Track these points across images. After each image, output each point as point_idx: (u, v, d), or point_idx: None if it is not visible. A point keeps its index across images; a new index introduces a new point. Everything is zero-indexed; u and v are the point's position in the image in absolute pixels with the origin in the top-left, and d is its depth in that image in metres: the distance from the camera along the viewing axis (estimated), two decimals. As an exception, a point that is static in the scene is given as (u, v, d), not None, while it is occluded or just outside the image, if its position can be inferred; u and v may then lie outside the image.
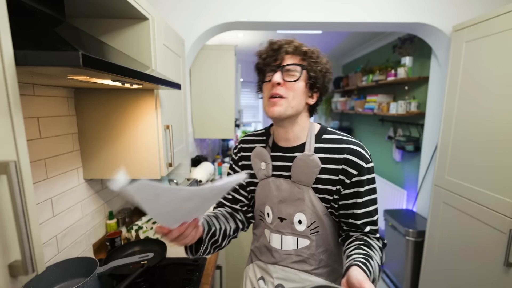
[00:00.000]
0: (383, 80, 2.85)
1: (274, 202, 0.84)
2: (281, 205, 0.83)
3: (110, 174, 1.21)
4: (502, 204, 1.36)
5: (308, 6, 1.86)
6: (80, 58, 0.47)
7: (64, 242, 1.11)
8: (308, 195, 0.80)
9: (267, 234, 0.89)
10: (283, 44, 0.76)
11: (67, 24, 0.81)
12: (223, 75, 2.23)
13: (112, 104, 1.15)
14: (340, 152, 0.78)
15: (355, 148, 0.77)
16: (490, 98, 1.45)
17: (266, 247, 0.89)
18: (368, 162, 0.78)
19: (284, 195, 0.82)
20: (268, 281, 0.89)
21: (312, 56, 0.76)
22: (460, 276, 1.66)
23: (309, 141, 0.81)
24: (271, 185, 0.84)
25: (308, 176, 0.78)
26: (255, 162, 0.87)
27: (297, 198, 0.80)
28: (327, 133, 0.82)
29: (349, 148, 0.77)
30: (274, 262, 0.88)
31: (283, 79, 0.74)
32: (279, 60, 0.75)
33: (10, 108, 0.45)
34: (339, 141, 0.80)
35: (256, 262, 0.95)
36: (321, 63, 0.77)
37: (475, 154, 1.53)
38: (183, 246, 0.74)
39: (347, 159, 0.77)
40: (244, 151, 0.92)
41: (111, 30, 1.12)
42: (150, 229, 1.45)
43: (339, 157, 0.77)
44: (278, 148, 0.85)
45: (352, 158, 0.76)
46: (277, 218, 0.84)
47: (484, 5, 1.81)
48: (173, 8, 1.85)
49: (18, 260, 0.47)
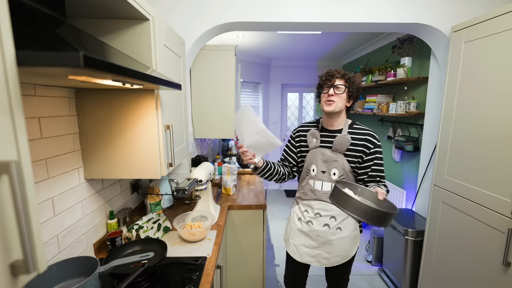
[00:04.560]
0: (383, 81, 2.85)
1: (319, 162, 1.40)
2: (323, 163, 1.39)
3: (110, 174, 1.22)
4: (501, 203, 1.37)
5: (307, 7, 1.87)
6: (81, 58, 0.47)
7: (65, 241, 1.11)
8: (341, 159, 1.37)
9: (311, 182, 1.43)
10: (334, 73, 1.34)
11: (68, 25, 0.81)
12: (223, 76, 2.24)
13: (113, 104, 1.16)
14: (362, 135, 1.37)
15: (371, 133, 1.38)
16: (489, 98, 1.45)
17: (310, 190, 1.43)
18: (379, 142, 1.39)
19: (326, 158, 1.39)
20: (310, 211, 1.43)
21: (351, 79, 1.34)
22: (459, 275, 1.67)
23: (345, 128, 1.40)
24: (318, 152, 1.41)
25: (342, 147, 1.36)
26: (310, 138, 1.45)
27: (334, 160, 1.37)
28: (355, 125, 1.42)
29: (368, 133, 1.38)
30: (315, 198, 1.41)
31: (334, 92, 1.33)
32: (332, 81, 1.33)
33: (11, 108, 0.45)
34: (362, 129, 1.40)
35: (301, 202, 1.48)
36: (355, 83, 1.35)
37: (474, 154, 1.54)
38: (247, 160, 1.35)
39: (366, 139, 1.36)
40: (302, 132, 1.52)
41: (112, 31, 1.12)
42: (150, 229, 1.46)
43: (362, 137, 1.37)
44: (325, 130, 1.44)
45: (370, 138, 1.37)
46: (320, 171, 1.40)
47: (483, 5, 1.82)
48: (173, 9, 1.85)
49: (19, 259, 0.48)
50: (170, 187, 1.87)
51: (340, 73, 1.32)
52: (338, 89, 1.32)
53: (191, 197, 2.01)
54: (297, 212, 1.48)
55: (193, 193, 1.88)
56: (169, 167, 1.29)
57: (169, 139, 1.29)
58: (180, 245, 1.42)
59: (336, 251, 1.39)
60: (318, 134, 1.41)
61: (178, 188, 1.41)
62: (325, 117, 1.42)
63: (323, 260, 1.42)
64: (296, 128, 1.56)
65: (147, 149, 1.19)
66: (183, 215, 1.60)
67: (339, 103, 1.33)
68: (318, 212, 1.39)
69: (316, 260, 1.43)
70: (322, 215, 1.38)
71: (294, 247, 1.48)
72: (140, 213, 1.77)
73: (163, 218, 1.59)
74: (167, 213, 1.83)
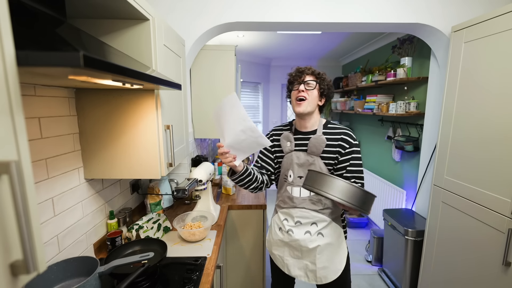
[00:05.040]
0: (383, 81, 2.85)
1: (295, 167, 1.29)
2: (300, 168, 1.29)
3: (110, 174, 1.22)
4: (501, 203, 1.37)
5: (307, 7, 1.87)
6: (81, 58, 0.47)
7: (65, 241, 1.11)
8: (318, 161, 1.26)
9: (289, 188, 1.32)
10: (304, 70, 1.26)
11: (68, 25, 0.81)
12: (223, 75, 2.24)
13: (113, 104, 1.16)
14: (338, 134, 1.27)
15: (347, 132, 1.28)
16: (489, 98, 1.45)
17: (288, 197, 1.33)
18: (355, 140, 1.28)
19: (302, 162, 1.28)
20: (290, 219, 1.33)
21: (321, 75, 1.27)
22: (459, 275, 1.67)
23: (319, 128, 1.30)
24: (293, 156, 1.30)
25: (317, 149, 1.25)
26: (283, 141, 1.33)
27: (310, 163, 1.27)
28: (330, 124, 1.32)
29: (343, 131, 1.28)
30: (294, 206, 1.31)
31: (305, 88, 1.24)
32: (302, 78, 1.25)
33: (11, 108, 0.45)
34: (337, 128, 1.30)
35: (280, 211, 1.38)
36: (326, 80, 1.28)
37: (474, 154, 1.54)
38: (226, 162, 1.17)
39: (342, 138, 1.26)
40: (275, 136, 1.40)
41: (112, 31, 1.12)
42: (150, 229, 1.46)
43: (337, 137, 1.27)
44: (299, 133, 1.33)
45: (346, 137, 1.27)
46: (297, 176, 1.29)
47: (483, 5, 1.82)
48: (173, 9, 1.85)
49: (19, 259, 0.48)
50: (170, 187, 1.87)
51: (310, 70, 1.26)
52: (309, 85, 1.24)
53: (191, 197, 2.01)
54: (277, 222, 1.39)
55: (193, 193, 1.88)
56: (169, 167, 1.29)
57: (169, 139, 1.29)
58: (180, 245, 1.42)
59: (322, 261, 1.28)
60: (292, 137, 1.31)
61: (178, 188, 1.41)
62: (298, 119, 1.33)
63: (310, 273, 1.31)
64: (269, 132, 1.44)
65: (147, 149, 1.19)
66: (183, 215, 1.60)
67: (310, 102, 1.24)
68: (298, 220, 1.30)
69: (304, 273, 1.33)
70: (302, 223, 1.29)
71: (280, 259, 1.39)
72: (140, 213, 1.77)
73: (163, 218, 1.59)
74: (167, 213, 1.83)
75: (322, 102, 1.29)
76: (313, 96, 1.24)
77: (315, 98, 1.25)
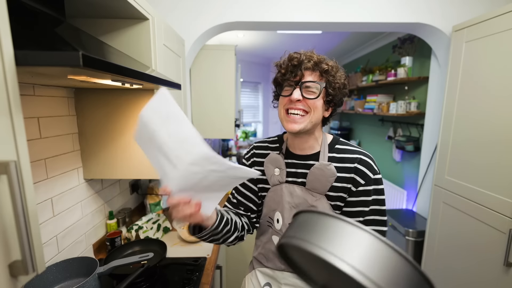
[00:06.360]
0: (383, 80, 2.85)
1: (286, 208, 0.84)
2: (293, 210, 0.83)
3: (110, 174, 1.21)
4: (502, 204, 1.36)
5: (308, 6, 1.86)
6: (80, 58, 0.47)
7: (64, 242, 1.11)
8: (322, 203, 0.80)
9: (275, 240, 0.88)
10: (303, 60, 0.75)
11: (67, 24, 0.81)
12: (223, 75, 2.23)
13: (112, 104, 1.15)
14: (351, 162, 0.80)
15: (364, 159, 0.80)
16: (490, 98, 1.45)
17: (274, 253, 0.89)
18: (375, 173, 0.79)
19: (297, 202, 0.83)
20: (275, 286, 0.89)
21: (331, 72, 0.76)
22: (460, 276, 1.66)
23: (323, 150, 0.83)
24: (284, 191, 0.85)
25: (323, 184, 0.79)
26: (269, 168, 0.87)
27: (310, 205, 0.81)
28: (339, 144, 0.84)
29: (359, 158, 0.80)
30: (283, 269, 0.88)
31: (302, 96, 0.75)
32: (298, 76, 0.75)
33: (10, 108, 0.45)
34: (350, 151, 0.82)
35: (260, 269, 0.94)
36: (339, 79, 0.78)
37: (475, 154, 1.53)
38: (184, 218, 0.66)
39: (357, 169, 0.79)
40: (257, 156, 0.93)
41: (111, 30, 1.12)
42: (150, 229, 1.45)
43: (350, 166, 0.79)
44: (292, 156, 0.86)
45: (361, 167, 0.78)
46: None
47: (484, 5, 1.81)
48: (173, 8, 1.85)
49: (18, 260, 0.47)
50: (170, 187, 1.87)
51: (311, 60, 0.75)
52: (310, 90, 0.75)
53: (191, 197, 2.00)
54: (255, 284, 0.95)
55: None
56: (169, 167, 1.28)
57: (169, 139, 1.29)
58: (180, 246, 1.41)
59: None
60: (283, 162, 0.85)
61: (178, 188, 1.41)
62: (290, 136, 0.85)
63: None
64: (249, 151, 0.96)
65: (147, 149, 1.19)
66: (183, 215, 1.59)
67: (312, 118, 0.76)
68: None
69: None
70: None
71: None
72: (140, 214, 1.77)
73: (162, 218, 1.58)
74: (167, 214, 1.83)
75: (328, 112, 0.82)
76: (315, 107, 0.76)
77: (318, 110, 0.77)
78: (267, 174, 0.88)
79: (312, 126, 0.78)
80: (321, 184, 0.79)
